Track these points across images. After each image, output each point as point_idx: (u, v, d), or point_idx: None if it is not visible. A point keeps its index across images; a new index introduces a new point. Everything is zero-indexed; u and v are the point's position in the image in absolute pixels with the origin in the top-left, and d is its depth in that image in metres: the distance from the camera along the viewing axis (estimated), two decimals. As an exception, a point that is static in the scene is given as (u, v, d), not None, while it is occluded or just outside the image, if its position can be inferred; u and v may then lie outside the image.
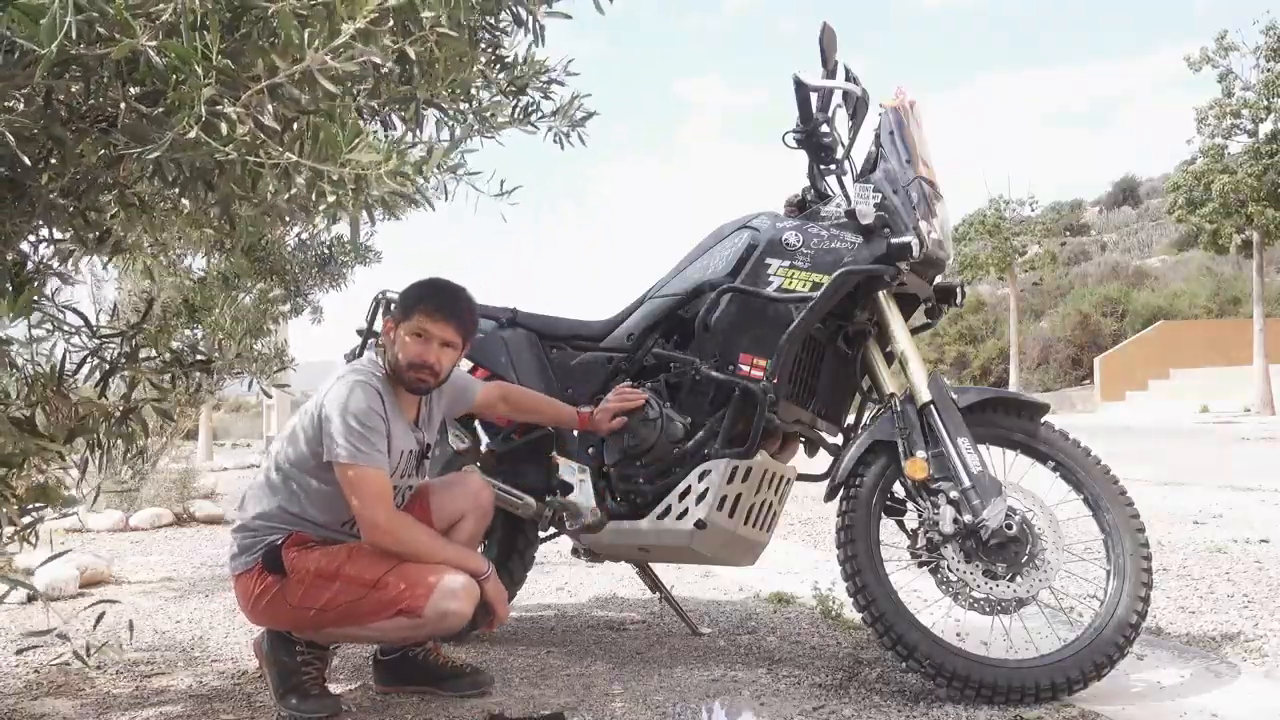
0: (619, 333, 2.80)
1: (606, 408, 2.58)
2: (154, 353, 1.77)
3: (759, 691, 2.40)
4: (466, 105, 1.74)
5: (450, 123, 1.78)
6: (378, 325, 3.02)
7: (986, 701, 2.23)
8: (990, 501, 2.26)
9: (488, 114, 1.80)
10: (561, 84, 1.95)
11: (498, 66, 1.80)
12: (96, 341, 1.69)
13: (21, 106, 1.27)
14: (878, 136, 2.62)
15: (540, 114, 1.98)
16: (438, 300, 2.36)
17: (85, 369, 1.69)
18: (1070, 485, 2.44)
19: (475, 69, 1.65)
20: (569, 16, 1.73)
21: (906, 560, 2.45)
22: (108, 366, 1.68)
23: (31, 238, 1.65)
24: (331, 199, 1.27)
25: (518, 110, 1.91)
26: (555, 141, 2.02)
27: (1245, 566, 3.89)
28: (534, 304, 2.94)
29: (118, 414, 1.67)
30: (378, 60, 1.22)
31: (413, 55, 1.30)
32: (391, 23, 1.26)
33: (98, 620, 2.04)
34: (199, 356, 1.82)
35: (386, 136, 1.72)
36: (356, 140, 1.23)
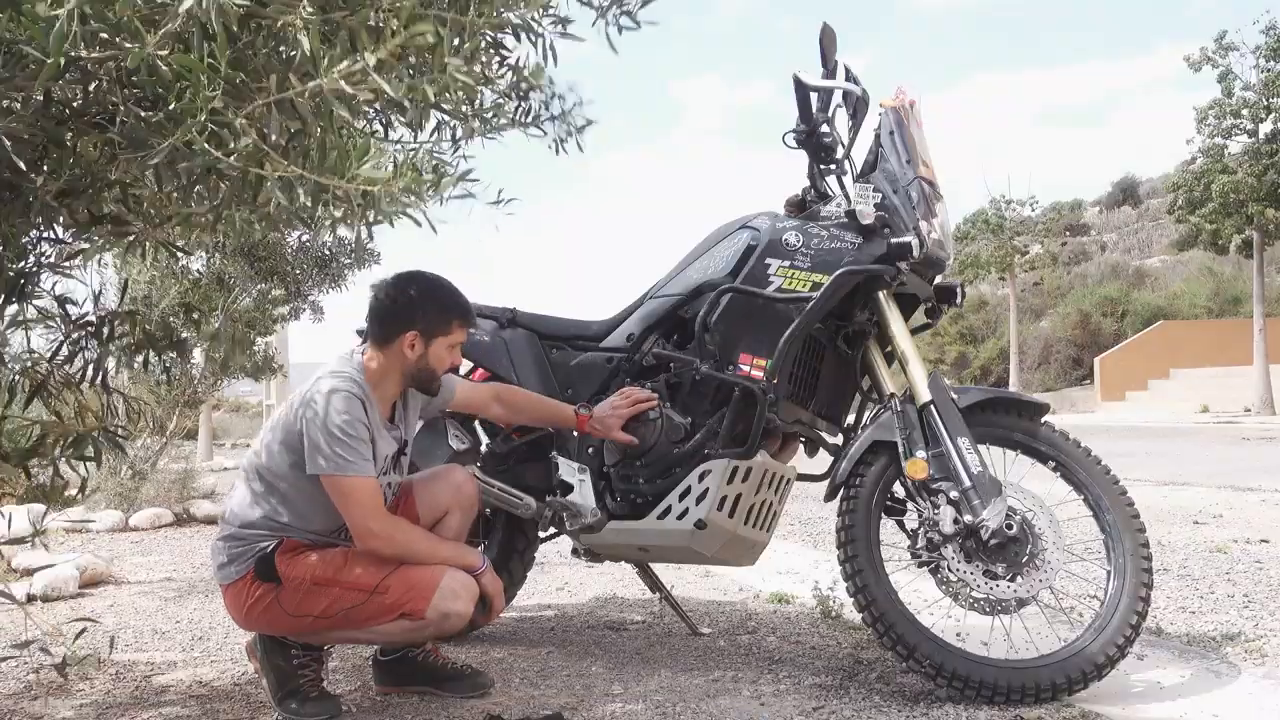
0: (619, 333, 2.80)
1: (616, 412, 2.54)
2: (127, 331, 1.75)
3: (759, 691, 2.40)
4: (469, 109, 1.73)
5: (451, 125, 1.76)
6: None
7: (986, 701, 2.23)
8: (990, 502, 2.26)
9: (489, 115, 1.79)
10: (563, 99, 1.94)
11: (501, 67, 1.79)
12: (73, 328, 1.69)
13: (19, 108, 1.27)
14: (878, 136, 2.61)
15: (540, 117, 1.96)
16: (465, 306, 2.37)
17: (59, 356, 1.68)
18: (1070, 485, 2.44)
19: (481, 85, 1.65)
20: (581, 40, 1.71)
21: (906, 560, 2.45)
22: (83, 350, 1.67)
23: (33, 234, 1.64)
24: (338, 213, 1.26)
25: (519, 113, 1.89)
26: (550, 147, 2.00)
27: (1245, 566, 3.89)
28: (533, 304, 2.95)
29: (74, 437, 1.65)
30: (390, 91, 1.20)
31: (433, 97, 1.28)
32: (412, 59, 1.25)
33: (77, 636, 2.03)
34: (174, 337, 1.80)
35: (387, 138, 1.70)
36: (366, 158, 1.22)
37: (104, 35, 1.17)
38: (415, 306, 2.31)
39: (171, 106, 1.19)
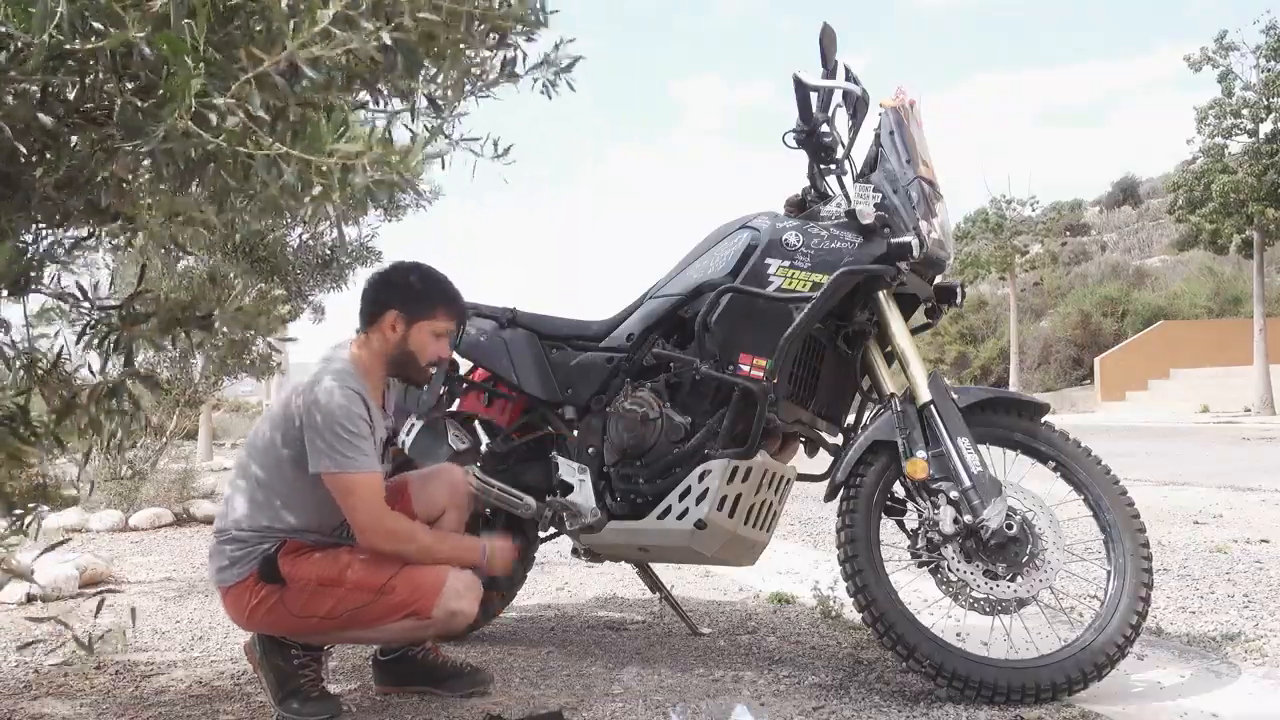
0: (619, 333, 2.80)
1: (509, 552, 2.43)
2: (153, 310, 1.74)
3: (759, 691, 2.40)
4: (454, 73, 1.70)
5: (441, 98, 1.73)
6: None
7: (986, 701, 2.23)
8: (990, 502, 2.26)
9: (476, 73, 1.75)
10: (545, 25, 1.90)
11: (478, 20, 1.75)
12: (97, 313, 1.67)
13: (12, 101, 1.26)
14: (878, 136, 2.61)
15: (525, 65, 1.93)
16: (452, 295, 2.38)
17: (83, 341, 1.67)
18: (1071, 485, 2.44)
19: (471, 51, 1.62)
20: None
21: (906, 560, 2.45)
22: (108, 334, 1.65)
23: (33, 228, 1.63)
24: (317, 190, 1.25)
25: (505, 65, 1.86)
26: (543, 92, 1.97)
27: (1245, 566, 3.89)
28: (531, 304, 2.95)
29: (107, 390, 1.64)
30: (356, 47, 1.19)
31: (388, 40, 1.26)
32: (373, 13, 1.23)
33: (99, 607, 2.02)
34: (198, 313, 1.77)
35: (375, 121, 1.68)
36: (342, 130, 1.21)
37: (95, 24, 1.16)
38: (397, 286, 2.34)
39: (160, 91, 1.17)
